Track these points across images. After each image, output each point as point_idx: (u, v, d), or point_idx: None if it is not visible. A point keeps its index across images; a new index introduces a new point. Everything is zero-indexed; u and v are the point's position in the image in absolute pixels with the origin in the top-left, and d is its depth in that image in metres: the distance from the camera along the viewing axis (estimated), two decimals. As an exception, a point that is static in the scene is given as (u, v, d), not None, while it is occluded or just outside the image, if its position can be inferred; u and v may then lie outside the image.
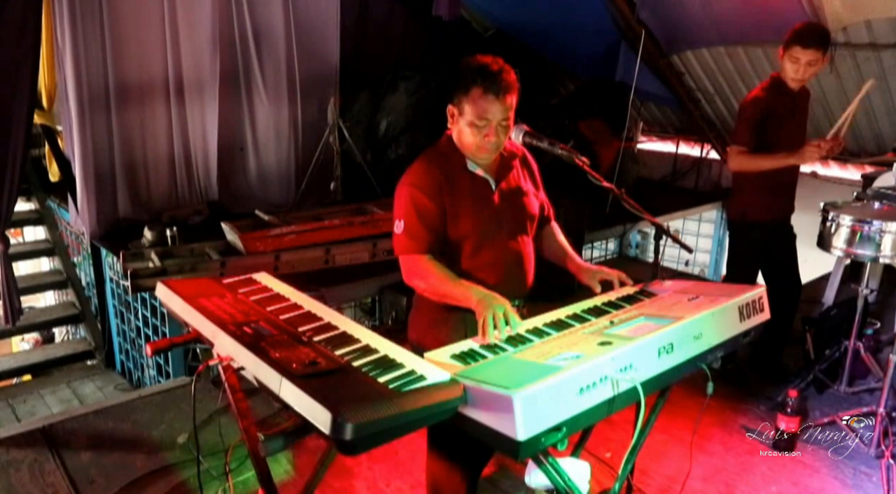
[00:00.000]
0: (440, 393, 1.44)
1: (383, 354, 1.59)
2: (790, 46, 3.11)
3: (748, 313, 2.01)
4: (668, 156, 7.26)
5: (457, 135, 1.98)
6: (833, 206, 3.08)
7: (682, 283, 2.28)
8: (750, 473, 2.90)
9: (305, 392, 1.36)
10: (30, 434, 3.02)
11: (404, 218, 1.93)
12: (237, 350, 1.58)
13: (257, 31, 5.33)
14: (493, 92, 1.85)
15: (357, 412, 1.30)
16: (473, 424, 1.48)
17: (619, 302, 2.07)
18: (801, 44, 3.08)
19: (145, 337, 4.54)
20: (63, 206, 5.57)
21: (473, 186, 1.98)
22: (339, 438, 1.28)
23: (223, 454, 2.87)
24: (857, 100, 3.08)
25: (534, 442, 1.43)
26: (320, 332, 1.70)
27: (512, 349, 1.73)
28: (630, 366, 1.62)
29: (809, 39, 3.08)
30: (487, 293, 1.86)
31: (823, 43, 3.11)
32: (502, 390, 1.42)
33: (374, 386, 1.43)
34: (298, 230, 4.30)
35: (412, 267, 1.95)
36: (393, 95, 5.90)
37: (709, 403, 3.34)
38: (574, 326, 1.88)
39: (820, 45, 3.09)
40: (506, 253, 2.02)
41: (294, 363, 1.48)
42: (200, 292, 1.91)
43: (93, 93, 4.67)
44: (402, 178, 2.00)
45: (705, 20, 5.27)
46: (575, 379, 1.50)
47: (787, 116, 3.23)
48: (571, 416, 1.49)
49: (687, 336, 1.79)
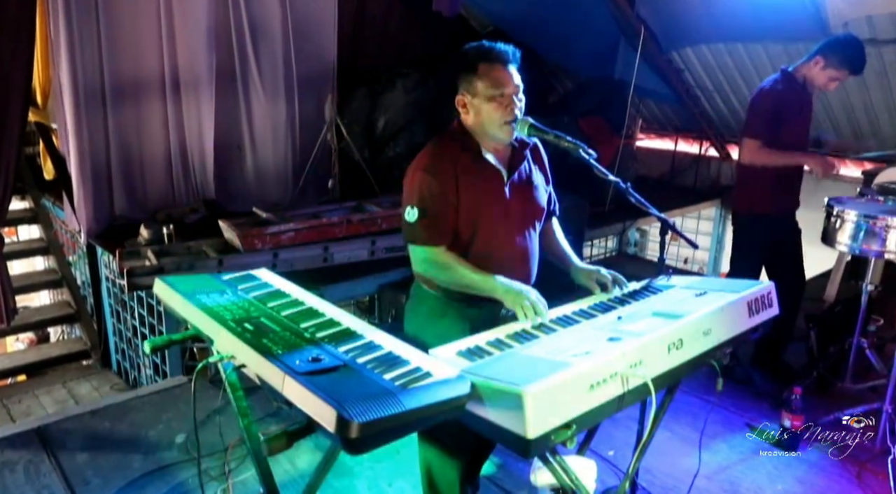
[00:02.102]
0: (447, 390, 1.41)
1: (388, 350, 1.55)
2: (841, 68, 3.13)
3: (757, 308, 1.98)
4: (666, 154, 7.23)
5: (474, 120, 1.94)
6: (838, 202, 3.05)
7: (689, 279, 2.25)
8: (755, 471, 2.87)
9: (309, 389, 1.32)
10: (25, 435, 2.98)
11: (419, 206, 1.90)
12: (238, 347, 1.54)
13: (254, 27, 5.27)
14: (500, 61, 1.89)
15: (363, 409, 1.26)
16: (481, 421, 1.45)
17: (627, 298, 2.04)
18: (853, 72, 3.15)
19: (142, 336, 4.49)
20: (58, 205, 5.51)
21: (485, 177, 1.95)
22: (344, 436, 1.25)
23: (222, 453, 2.84)
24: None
25: (543, 440, 1.40)
26: (323, 329, 1.66)
27: (519, 345, 1.70)
28: (640, 363, 1.59)
29: (861, 68, 3.16)
30: (512, 282, 1.85)
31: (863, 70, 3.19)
32: (511, 386, 1.39)
33: (380, 383, 1.39)
34: (297, 228, 4.26)
35: (429, 258, 1.92)
36: (391, 93, 5.86)
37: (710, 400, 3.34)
38: (582, 322, 1.85)
39: (862, 72, 3.18)
40: (513, 248, 1.99)
41: (297, 360, 1.45)
42: (199, 288, 1.86)
43: (88, 91, 4.62)
44: (414, 163, 1.97)
45: (705, 17, 5.25)
46: (585, 376, 1.47)
47: (796, 111, 3.22)
48: (581, 413, 1.46)
49: (696, 332, 1.76)
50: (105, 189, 4.89)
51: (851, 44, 3.18)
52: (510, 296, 1.84)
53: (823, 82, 3.19)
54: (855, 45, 3.17)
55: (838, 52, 3.14)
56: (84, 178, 4.70)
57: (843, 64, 3.13)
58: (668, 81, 6.25)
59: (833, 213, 3.00)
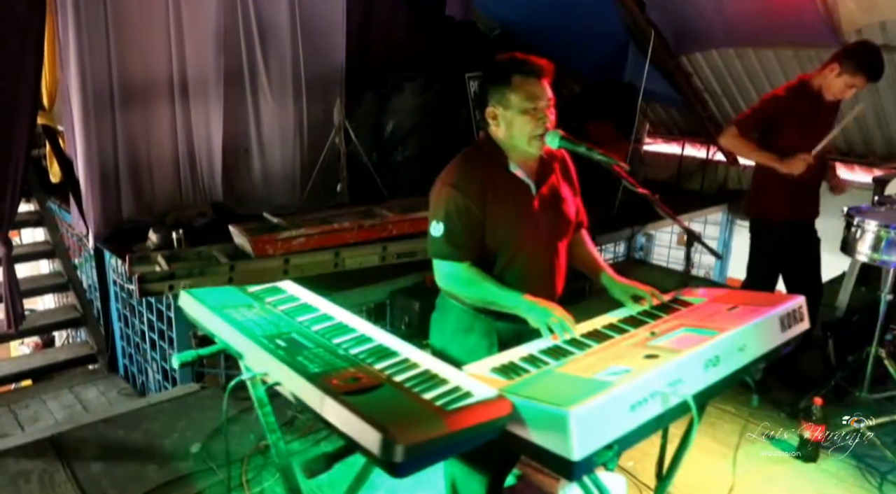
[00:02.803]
0: (489, 411, 1.38)
1: (425, 369, 1.53)
2: (856, 73, 3.08)
3: (789, 323, 1.96)
4: (673, 158, 7.22)
5: (505, 132, 1.92)
6: (858, 211, 3.03)
7: (716, 291, 2.23)
8: (774, 482, 2.85)
9: (350, 410, 1.30)
10: (38, 444, 2.94)
11: (444, 221, 1.88)
12: (272, 364, 1.52)
13: (263, 30, 5.25)
14: (534, 74, 1.87)
15: (407, 432, 1.24)
16: (522, 442, 1.43)
17: (656, 312, 2.02)
18: (870, 78, 3.10)
19: (150, 341, 4.46)
20: (64, 208, 5.48)
21: (514, 191, 1.93)
22: (388, 460, 1.23)
23: (239, 463, 2.81)
24: (843, 123, 3.13)
25: (588, 462, 1.38)
26: (356, 345, 1.64)
27: (554, 362, 1.68)
28: (679, 381, 1.57)
29: (879, 75, 3.12)
30: (537, 300, 1.83)
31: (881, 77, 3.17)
32: (555, 407, 1.36)
33: (421, 404, 1.37)
34: (308, 233, 4.23)
35: (453, 274, 1.91)
36: (399, 96, 5.83)
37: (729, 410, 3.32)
38: (614, 337, 1.82)
39: (879, 79, 3.15)
40: (541, 263, 1.97)
41: (334, 379, 1.42)
42: (226, 302, 1.84)
43: (97, 93, 4.59)
44: (442, 177, 1.95)
45: (716, 21, 5.23)
46: (626, 395, 1.45)
47: (805, 122, 3.18)
48: (623, 434, 1.44)
49: (732, 348, 1.74)
50: (113, 192, 4.86)
51: (867, 49, 3.14)
52: (534, 315, 1.82)
53: (839, 90, 3.14)
54: (871, 51, 3.13)
55: (853, 58, 3.09)
56: (92, 181, 4.67)
57: (858, 69, 3.08)
58: (676, 85, 6.23)
59: (853, 223, 2.97)
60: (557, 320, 1.79)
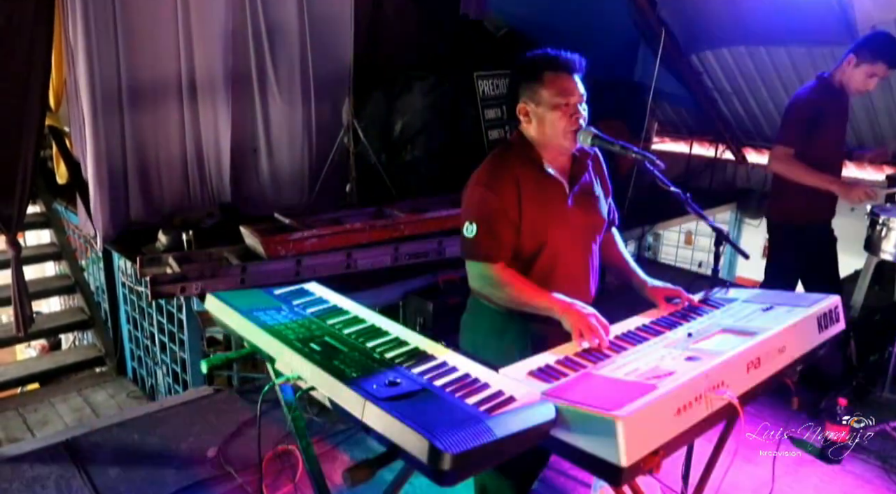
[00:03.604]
0: (533, 416, 1.34)
1: (464, 372, 1.49)
2: (876, 61, 3.02)
3: (826, 323, 1.93)
4: (681, 157, 7.18)
5: (537, 129, 1.89)
6: (883, 210, 3.00)
7: (747, 292, 2.20)
8: (800, 484, 2.82)
9: (395, 416, 1.26)
10: (53, 448, 2.91)
11: (477, 222, 1.84)
12: (308, 369, 1.48)
13: (271, 30, 5.21)
14: (565, 69, 1.85)
15: (454, 439, 1.20)
16: (568, 447, 1.39)
17: (689, 313, 1.99)
18: (890, 64, 3.02)
19: (160, 343, 4.42)
20: (71, 209, 5.44)
21: (548, 190, 1.89)
22: (436, 468, 1.19)
23: (257, 468, 2.77)
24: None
25: (635, 468, 1.34)
26: (392, 348, 1.60)
27: (592, 365, 1.64)
28: (722, 383, 1.53)
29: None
30: (572, 302, 1.79)
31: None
32: (602, 412, 1.33)
33: (465, 409, 1.33)
34: (320, 234, 4.19)
35: (486, 275, 1.87)
36: (408, 96, 5.79)
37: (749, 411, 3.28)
38: (651, 339, 1.78)
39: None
40: (576, 262, 1.93)
41: (374, 383, 1.38)
42: (255, 305, 1.80)
43: (105, 94, 4.55)
44: (474, 177, 1.91)
45: (729, 19, 5.19)
46: (672, 399, 1.41)
47: (832, 119, 3.15)
48: (670, 438, 1.40)
49: (772, 349, 1.71)
50: (121, 193, 4.82)
51: (882, 36, 3.10)
52: (569, 318, 1.78)
53: (861, 81, 3.09)
54: (886, 36, 3.09)
55: (869, 47, 3.06)
56: (100, 182, 4.62)
57: (876, 56, 3.03)
58: (686, 84, 6.19)
59: (878, 222, 2.94)
60: (590, 326, 1.75)
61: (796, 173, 3.14)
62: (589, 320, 1.75)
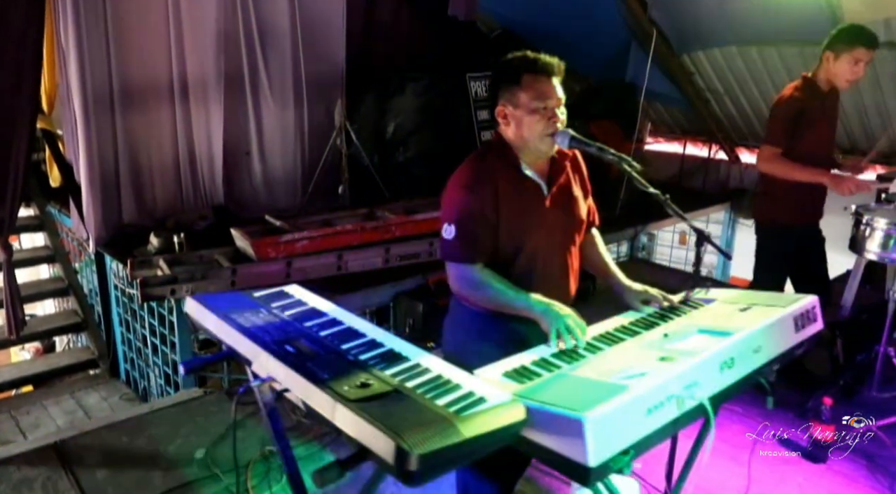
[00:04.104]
0: (503, 416, 1.35)
1: (437, 374, 1.50)
2: (854, 47, 3.00)
3: (803, 323, 1.94)
4: (674, 157, 7.20)
5: (515, 132, 1.90)
6: (867, 209, 3.01)
7: (726, 292, 2.21)
8: (785, 483, 2.82)
9: (363, 418, 1.27)
10: (41, 451, 2.92)
11: (456, 223, 1.86)
12: (281, 371, 1.49)
13: (263, 32, 5.22)
14: (544, 72, 1.85)
15: (421, 440, 1.21)
16: (537, 447, 1.40)
17: (668, 314, 2.00)
18: (867, 45, 2.99)
19: (152, 346, 4.43)
20: (64, 212, 5.45)
21: (526, 192, 1.90)
22: (402, 469, 1.20)
23: (243, 469, 2.79)
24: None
25: (604, 468, 1.35)
26: (366, 350, 1.61)
27: (567, 366, 1.65)
28: (695, 383, 1.54)
29: (873, 39, 3.01)
30: (550, 303, 1.80)
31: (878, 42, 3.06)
32: (570, 412, 1.34)
33: (434, 410, 1.34)
34: (311, 236, 4.20)
35: (465, 276, 1.88)
36: (400, 97, 5.81)
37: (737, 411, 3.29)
38: (627, 340, 1.80)
39: (876, 45, 3.04)
40: (554, 264, 1.94)
41: (345, 385, 1.39)
42: (233, 307, 1.81)
43: (97, 96, 4.56)
44: (453, 179, 1.92)
45: (719, 20, 5.21)
46: (642, 399, 1.42)
47: (819, 117, 3.15)
48: (640, 438, 1.41)
49: (747, 349, 1.72)
50: (113, 196, 4.83)
51: (848, 26, 3.10)
52: (547, 319, 1.79)
53: (848, 70, 3.05)
54: (852, 25, 3.09)
55: (841, 38, 3.04)
56: (92, 185, 4.64)
57: (853, 42, 3.01)
58: (678, 84, 6.21)
59: (862, 221, 2.95)
60: (567, 326, 1.76)
61: (785, 170, 3.14)
62: (566, 321, 1.76)
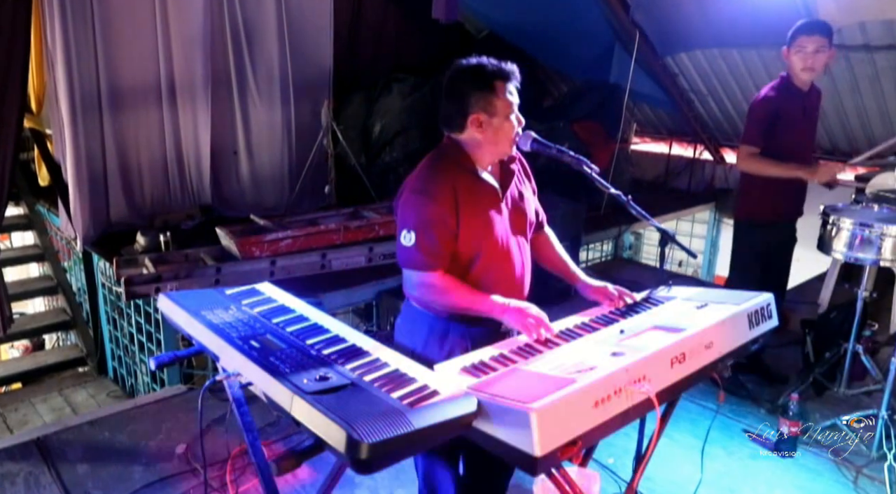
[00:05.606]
0: (454, 409, 1.42)
1: (394, 368, 1.56)
2: (795, 39, 3.11)
3: (757, 320, 2.00)
4: (660, 157, 7.27)
5: (490, 138, 1.89)
6: (834, 209, 3.08)
7: (688, 290, 2.26)
8: (753, 477, 2.89)
9: (318, 409, 1.33)
10: (24, 446, 2.96)
11: (415, 230, 1.83)
12: (245, 365, 1.55)
13: (250, 33, 5.28)
14: (513, 81, 1.89)
15: (372, 430, 1.27)
16: (489, 439, 1.46)
17: (628, 311, 2.06)
18: (805, 32, 3.09)
19: (139, 343, 4.48)
20: (53, 211, 5.50)
21: (484, 196, 1.92)
22: (354, 457, 1.26)
23: (224, 464, 2.84)
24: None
25: (550, 458, 1.41)
26: (329, 346, 1.67)
27: (522, 360, 1.71)
28: (643, 377, 1.60)
29: (813, 26, 3.10)
30: (509, 301, 1.85)
31: (826, 30, 3.12)
32: (517, 404, 1.40)
33: (388, 402, 1.40)
34: (294, 235, 4.26)
35: (427, 283, 1.87)
36: (387, 98, 5.87)
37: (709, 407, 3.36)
38: (584, 336, 1.86)
39: (823, 31, 3.10)
40: (511, 264, 1.98)
41: (304, 378, 1.45)
42: (204, 305, 1.87)
43: (84, 96, 4.61)
44: (410, 184, 1.90)
45: (700, 22, 5.28)
46: (590, 392, 1.48)
47: (797, 116, 3.22)
48: (587, 430, 1.48)
49: (698, 345, 1.78)
50: (101, 195, 4.88)
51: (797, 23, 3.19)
52: (511, 316, 1.83)
53: (802, 60, 3.12)
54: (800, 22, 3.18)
55: (793, 33, 3.15)
56: (80, 185, 4.69)
57: (794, 34, 3.12)
58: (662, 86, 6.28)
59: (829, 221, 3.02)
60: (533, 320, 1.82)
61: (762, 168, 3.22)
62: (530, 314, 1.82)
